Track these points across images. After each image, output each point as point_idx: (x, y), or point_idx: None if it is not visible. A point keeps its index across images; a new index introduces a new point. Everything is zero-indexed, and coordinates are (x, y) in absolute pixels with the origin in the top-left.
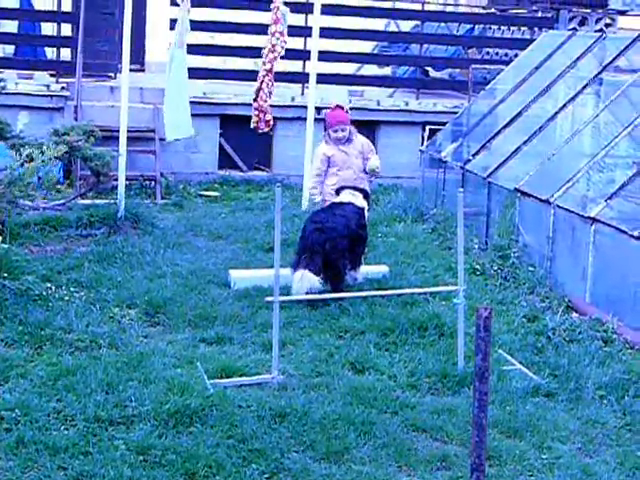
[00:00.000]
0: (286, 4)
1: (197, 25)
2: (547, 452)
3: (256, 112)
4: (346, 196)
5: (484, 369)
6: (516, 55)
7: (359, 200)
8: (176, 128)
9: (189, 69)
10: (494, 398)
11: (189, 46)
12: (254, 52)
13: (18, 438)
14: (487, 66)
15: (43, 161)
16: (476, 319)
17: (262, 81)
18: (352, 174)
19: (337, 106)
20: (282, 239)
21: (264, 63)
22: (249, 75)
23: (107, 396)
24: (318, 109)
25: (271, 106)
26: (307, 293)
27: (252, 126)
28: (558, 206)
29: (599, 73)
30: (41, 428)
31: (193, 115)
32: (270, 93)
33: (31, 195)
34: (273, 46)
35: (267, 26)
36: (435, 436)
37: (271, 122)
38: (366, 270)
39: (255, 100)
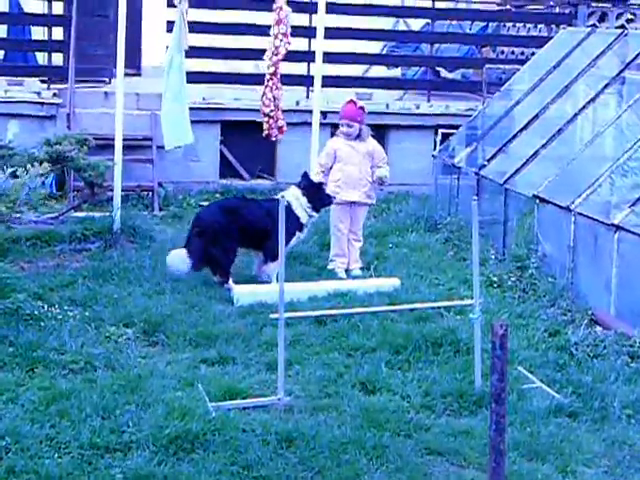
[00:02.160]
0: (289, 3)
1: (196, 27)
2: (571, 476)
3: (266, 119)
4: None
5: (501, 390)
6: (533, 54)
7: (288, 195)
8: (175, 135)
9: (188, 73)
10: (514, 418)
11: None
12: (255, 54)
13: (9, 467)
14: (502, 66)
15: (29, 177)
16: (492, 337)
17: (266, 85)
18: (357, 172)
19: (350, 100)
20: (287, 252)
21: (268, 67)
22: (250, 79)
23: (103, 421)
24: (324, 113)
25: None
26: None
27: (264, 134)
28: (579, 213)
29: (621, 71)
30: (33, 456)
31: (192, 122)
32: (275, 98)
33: (19, 211)
34: (276, 48)
35: (269, 27)
36: (452, 460)
37: (284, 128)
38: (377, 283)
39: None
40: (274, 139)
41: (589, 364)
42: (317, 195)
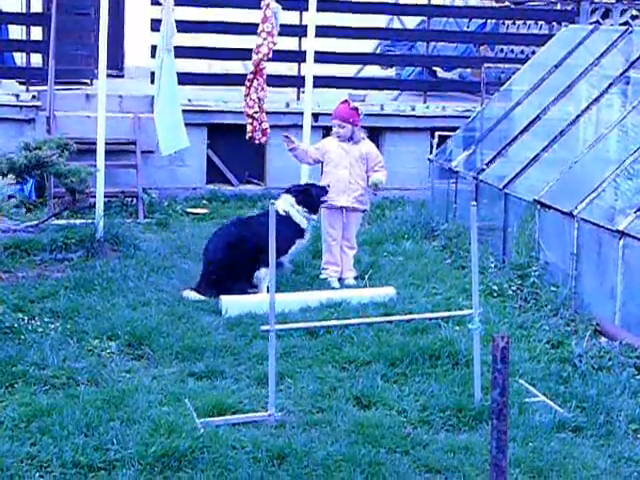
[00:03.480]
0: (278, 0)
1: (181, 26)
2: None
3: (250, 121)
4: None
5: (502, 405)
6: (533, 52)
7: (284, 204)
8: (172, 140)
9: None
10: (515, 434)
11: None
12: (243, 54)
13: None
14: (501, 65)
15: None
16: (492, 349)
17: (249, 86)
18: (347, 176)
19: (344, 101)
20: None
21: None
22: (239, 79)
23: (86, 439)
24: (315, 116)
25: (266, 113)
26: None
27: (247, 137)
28: (583, 219)
29: (625, 70)
30: (13, 476)
31: None
32: (260, 99)
33: None
34: (258, 47)
35: (258, 25)
36: (451, 478)
37: (268, 131)
38: (371, 293)
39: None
40: (257, 142)
41: (594, 377)
42: (310, 198)
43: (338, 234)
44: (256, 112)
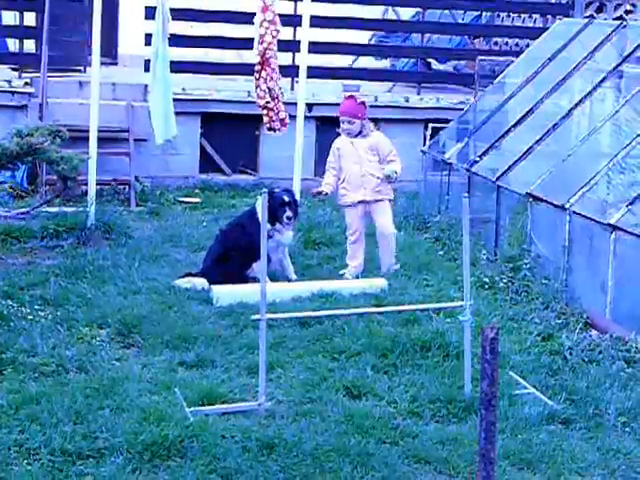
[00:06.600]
0: None
1: (176, 14)
2: None
3: (265, 112)
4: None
5: (491, 396)
6: (527, 45)
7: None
8: (165, 128)
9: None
10: (504, 426)
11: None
12: (238, 43)
13: None
14: (495, 57)
15: None
16: (482, 340)
17: (258, 78)
18: (359, 170)
19: (350, 96)
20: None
21: (256, 57)
22: (233, 68)
23: (75, 426)
24: (309, 106)
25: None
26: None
27: (266, 128)
28: (574, 212)
29: (619, 65)
30: (0, 463)
31: None
32: (270, 89)
33: None
34: (261, 37)
35: (253, 15)
36: (440, 468)
37: (287, 120)
38: (363, 284)
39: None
40: (278, 132)
41: (583, 369)
42: (271, 210)
43: (359, 230)
44: (268, 102)
